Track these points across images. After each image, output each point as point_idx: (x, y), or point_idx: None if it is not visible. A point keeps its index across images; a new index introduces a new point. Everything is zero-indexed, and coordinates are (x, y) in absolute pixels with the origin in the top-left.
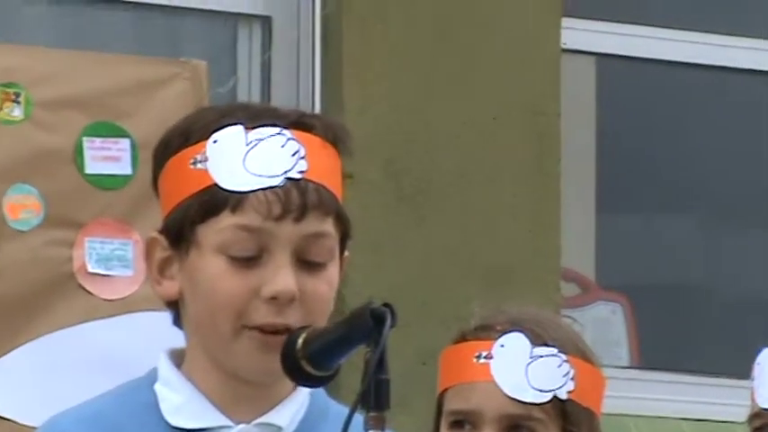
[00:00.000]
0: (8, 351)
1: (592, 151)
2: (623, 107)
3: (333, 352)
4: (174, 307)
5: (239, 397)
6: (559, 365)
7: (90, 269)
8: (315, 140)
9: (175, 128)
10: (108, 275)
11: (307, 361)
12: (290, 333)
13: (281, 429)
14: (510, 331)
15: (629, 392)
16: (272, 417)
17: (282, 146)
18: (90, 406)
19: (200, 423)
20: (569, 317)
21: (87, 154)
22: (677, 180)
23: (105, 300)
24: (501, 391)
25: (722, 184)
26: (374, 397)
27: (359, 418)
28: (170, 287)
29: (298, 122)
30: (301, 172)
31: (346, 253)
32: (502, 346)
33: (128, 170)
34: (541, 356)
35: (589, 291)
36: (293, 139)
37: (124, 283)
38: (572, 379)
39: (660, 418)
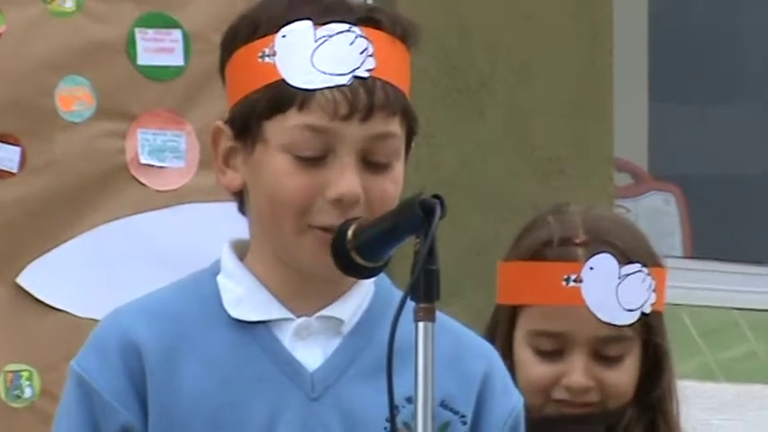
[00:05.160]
0: (61, 243)
1: (644, 40)
2: None
3: (382, 243)
4: (239, 196)
5: (301, 291)
6: (643, 280)
7: (142, 160)
8: (383, 36)
9: (244, 17)
10: (160, 167)
11: (356, 252)
12: (341, 224)
13: (343, 322)
14: (597, 252)
15: (681, 282)
16: (333, 310)
17: (351, 43)
18: (152, 298)
19: (261, 315)
20: (623, 206)
21: (140, 45)
22: (731, 68)
23: (157, 191)
24: (593, 315)
25: None
26: (423, 288)
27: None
28: (234, 178)
29: (366, 18)
30: (369, 70)
31: (413, 145)
32: (591, 268)
33: (180, 61)
34: (629, 275)
35: (642, 181)
36: (362, 36)
37: (176, 174)
38: (654, 291)
39: (713, 307)
